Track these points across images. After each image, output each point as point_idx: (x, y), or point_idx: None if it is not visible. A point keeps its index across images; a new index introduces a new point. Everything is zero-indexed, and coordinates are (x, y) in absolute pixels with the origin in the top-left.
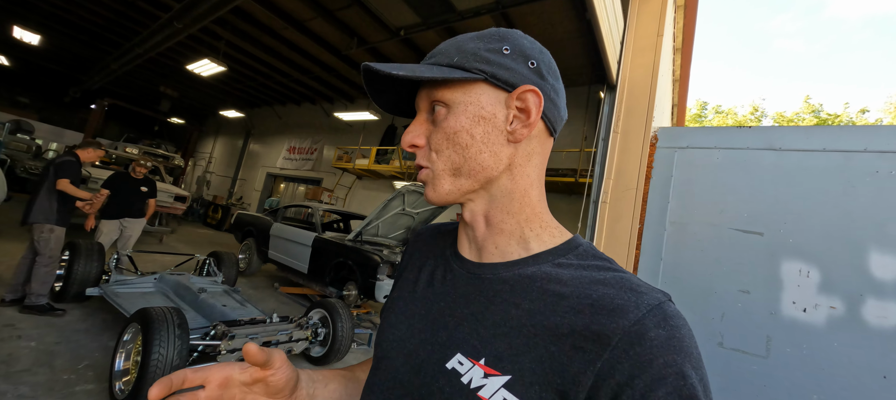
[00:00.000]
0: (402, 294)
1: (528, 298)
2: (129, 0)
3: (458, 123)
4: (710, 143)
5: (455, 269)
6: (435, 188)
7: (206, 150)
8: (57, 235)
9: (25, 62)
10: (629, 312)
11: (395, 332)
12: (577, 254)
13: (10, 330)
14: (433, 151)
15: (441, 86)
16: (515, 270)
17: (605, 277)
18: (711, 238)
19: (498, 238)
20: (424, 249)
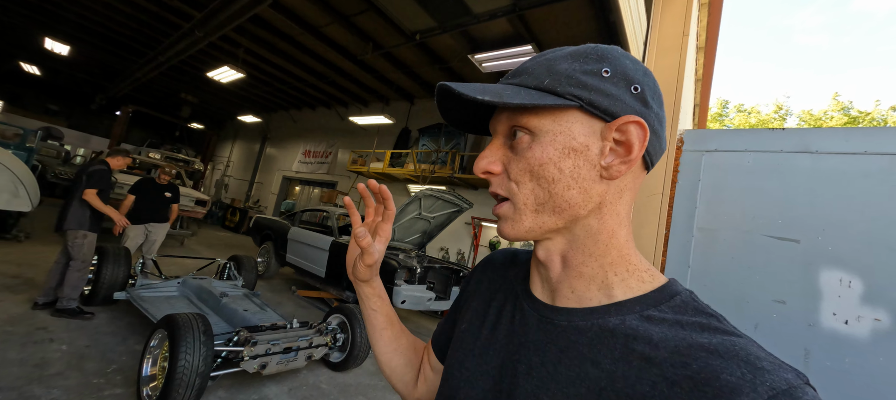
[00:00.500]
0: (470, 327)
1: (610, 356)
2: (154, 11)
3: (545, 155)
4: (740, 146)
5: (526, 309)
6: (514, 224)
7: (224, 155)
8: (89, 241)
9: (55, 71)
10: (743, 394)
11: (463, 370)
12: (671, 306)
13: (42, 333)
14: (513, 182)
15: (526, 111)
16: (594, 319)
17: (711, 342)
18: (743, 245)
19: (575, 282)
20: (495, 278)
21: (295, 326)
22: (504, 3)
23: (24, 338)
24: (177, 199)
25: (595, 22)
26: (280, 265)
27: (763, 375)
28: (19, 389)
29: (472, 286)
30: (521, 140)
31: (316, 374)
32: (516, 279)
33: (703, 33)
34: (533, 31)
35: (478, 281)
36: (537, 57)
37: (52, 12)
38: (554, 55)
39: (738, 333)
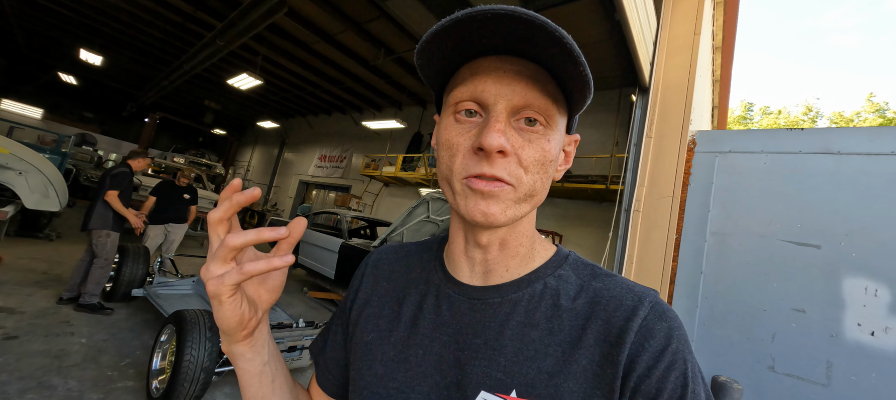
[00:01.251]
0: (380, 335)
1: (544, 315)
2: (179, 22)
3: (554, 151)
4: (755, 148)
5: (452, 296)
6: (507, 210)
7: (244, 159)
8: (112, 240)
9: (91, 81)
10: (639, 311)
11: (388, 383)
12: (570, 265)
13: (65, 326)
14: (523, 168)
15: (552, 99)
16: (524, 289)
17: (604, 285)
18: (759, 251)
19: (511, 261)
20: (394, 278)
21: (300, 326)
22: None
23: (47, 330)
24: (195, 200)
25: (606, 23)
26: (292, 267)
27: (642, 296)
28: (39, 379)
29: (363, 292)
30: (537, 128)
31: None
32: (429, 271)
33: (719, 33)
34: None
35: (371, 284)
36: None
37: (88, 26)
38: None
39: (612, 273)
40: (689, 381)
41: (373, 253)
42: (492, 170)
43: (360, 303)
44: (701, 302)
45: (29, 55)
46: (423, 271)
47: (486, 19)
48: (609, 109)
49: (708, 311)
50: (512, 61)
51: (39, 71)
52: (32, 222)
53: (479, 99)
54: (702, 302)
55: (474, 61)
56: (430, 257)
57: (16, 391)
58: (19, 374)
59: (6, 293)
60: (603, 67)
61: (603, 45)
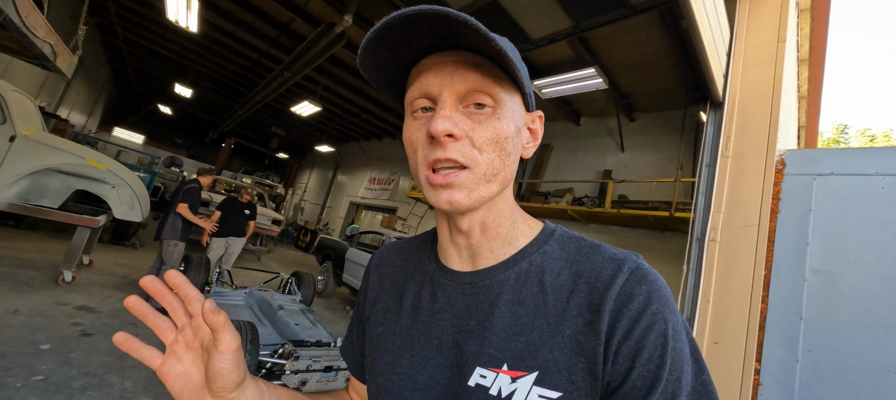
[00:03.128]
0: (388, 327)
1: (530, 292)
2: (255, 58)
3: (508, 128)
4: (869, 169)
5: (445, 283)
6: (471, 193)
7: (303, 181)
8: (179, 249)
9: (181, 111)
10: (617, 278)
11: (398, 369)
12: (555, 239)
13: (133, 328)
14: (476, 149)
15: (497, 81)
16: (510, 269)
17: (586, 256)
18: (881, 296)
19: (493, 242)
20: (394, 273)
21: (338, 345)
22: (564, 27)
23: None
24: (254, 216)
25: (666, 38)
26: (337, 284)
27: (623, 261)
28: (101, 376)
29: (371, 291)
30: (485, 111)
31: None
32: (424, 262)
33: (805, 43)
34: (595, 53)
35: (377, 283)
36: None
37: (182, 64)
38: (505, 39)
39: (596, 242)
40: (669, 339)
41: (375, 254)
42: (445, 153)
43: (371, 301)
44: (803, 355)
45: (137, 90)
46: (420, 263)
47: (403, 22)
48: (672, 130)
49: (814, 367)
50: (451, 54)
51: (143, 103)
52: (122, 232)
53: (427, 93)
54: (804, 356)
55: (419, 63)
56: (424, 250)
57: (79, 387)
58: (85, 369)
59: (90, 293)
60: (664, 85)
61: (662, 62)
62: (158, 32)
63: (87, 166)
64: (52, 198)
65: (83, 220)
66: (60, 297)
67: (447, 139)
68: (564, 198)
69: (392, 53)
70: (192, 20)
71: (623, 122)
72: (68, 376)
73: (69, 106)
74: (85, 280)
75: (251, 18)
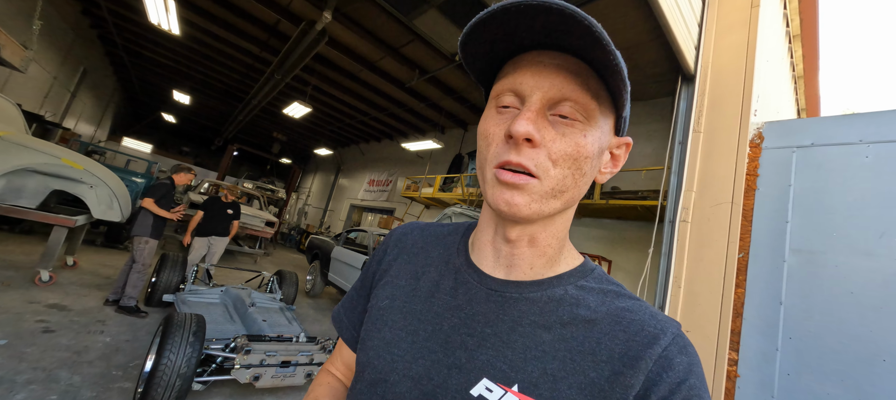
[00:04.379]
0: (394, 303)
1: (559, 321)
2: (249, 63)
3: (592, 148)
4: (852, 137)
5: (470, 282)
6: (531, 204)
7: (306, 186)
8: (150, 247)
9: (185, 119)
10: (660, 339)
11: (393, 349)
12: (594, 277)
13: (99, 325)
14: (551, 161)
15: (592, 94)
16: (543, 290)
17: (628, 306)
18: (868, 275)
19: (537, 260)
20: (419, 253)
21: (301, 340)
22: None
23: (82, 327)
24: (238, 215)
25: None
26: (324, 284)
27: (666, 325)
28: (50, 371)
29: (386, 262)
30: (573, 122)
31: None
32: (451, 252)
33: (795, 17)
34: None
35: (394, 256)
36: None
37: (181, 72)
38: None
39: (637, 297)
40: None
41: (398, 227)
42: (518, 158)
43: (382, 272)
44: (783, 344)
45: (142, 99)
46: (445, 252)
47: (520, 12)
48: (662, 119)
49: (795, 356)
50: (553, 56)
51: (148, 112)
52: (115, 235)
53: (517, 90)
54: (785, 344)
55: (517, 57)
56: (454, 241)
57: (23, 381)
58: (36, 364)
59: (66, 292)
60: (650, 72)
61: (647, 46)
62: (152, 39)
63: (64, 166)
64: (29, 198)
65: (58, 219)
66: (34, 295)
67: (525, 143)
68: None
69: (495, 42)
70: (173, 22)
71: None
72: (16, 370)
73: (76, 116)
74: (64, 280)
75: (239, 22)
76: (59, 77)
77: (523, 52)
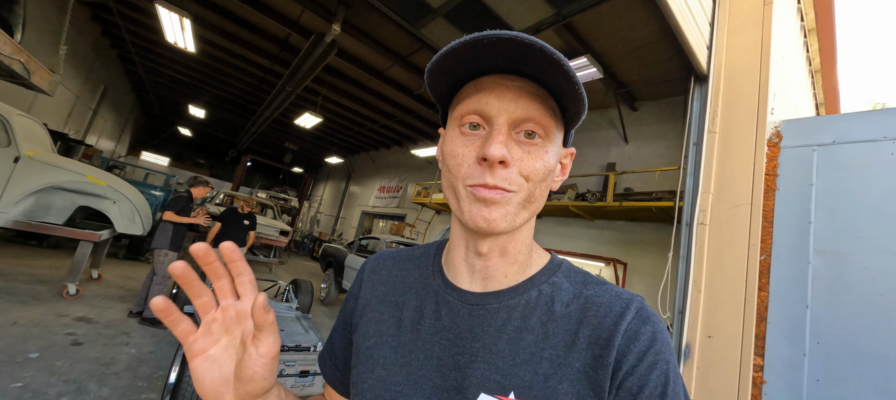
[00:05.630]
0: (381, 339)
1: (539, 320)
2: (260, 76)
3: (551, 160)
4: (875, 134)
5: (451, 302)
6: (507, 217)
7: (318, 194)
8: (170, 259)
9: (201, 132)
10: (625, 316)
11: (390, 386)
12: (563, 272)
13: (124, 337)
14: (523, 177)
15: (551, 114)
16: (520, 295)
17: (595, 292)
18: None
19: (509, 268)
20: (391, 283)
21: (317, 350)
22: (546, 15)
23: (109, 340)
24: (254, 226)
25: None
26: (338, 291)
27: (628, 302)
28: (80, 383)
29: (362, 298)
30: (536, 141)
31: None
32: (427, 276)
33: (810, 11)
34: (585, 41)
35: (370, 290)
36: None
37: (195, 86)
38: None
39: (601, 280)
40: (670, 380)
41: (370, 259)
42: (494, 180)
43: (360, 308)
44: (811, 348)
45: (160, 114)
46: (422, 276)
47: (493, 43)
48: (675, 118)
49: (824, 361)
50: (513, 79)
51: (164, 126)
52: (136, 248)
53: (483, 112)
54: (813, 348)
55: (479, 79)
56: (427, 263)
57: (55, 393)
58: (67, 377)
59: (91, 305)
60: (662, 70)
61: (657, 46)
62: (168, 56)
63: (88, 183)
64: (56, 214)
65: (84, 234)
66: (62, 309)
67: (498, 165)
68: (566, 194)
69: (461, 66)
70: (188, 40)
71: (625, 112)
72: (47, 384)
73: (97, 133)
74: (90, 293)
75: (251, 37)
76: (81, 96)
77: (484, 74)
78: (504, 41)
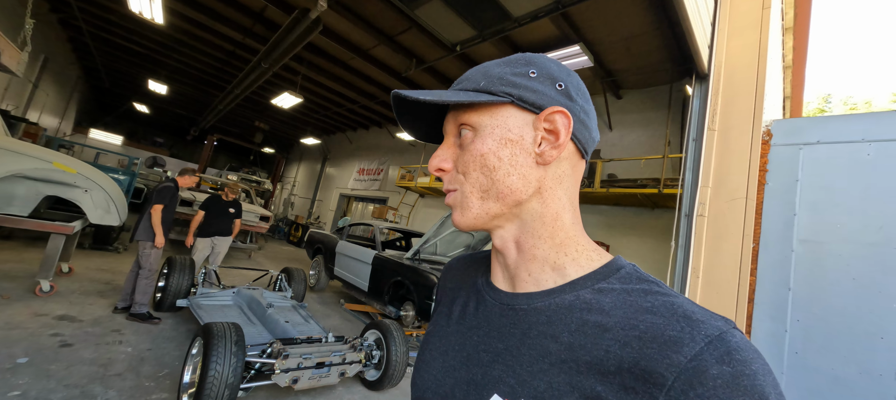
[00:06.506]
0: (436, 329)
1: (567, 329)
2: (230, 50)
3: (485, 146)
4: (855, 135)
5: (487, 300)
6: (463, 212)
7: (291, 176)
8: (156, 252)
9: (159, 108)
10: (684, 345)
11: (430, 370)
12: (619, 277)
13: (115, 335)
14: (460, 174)
15: (468, 109)
16: (551, 298)
17: (653, 304)
18: (869, 262)
19: (530, 265)
20: (457, 280)
21: (330, 341)
22: (545, 3)
23: (99, 339)
24: (239, 214)
25: (650, 11)
26: (329, 278)
27: (698, 326)
28: (83, 387)
29: (438, 294)
30: (466, 137)
31: (351, 392)
32: (477, 275)
33: (789, 11)
34: (580, 30)
35: (442, 287)
36: (475, 68)
37: (155, 59)
38: (489, 64)
39: (675, 294)
40: None
41: (445, 265)
42: (444, 185)
43: (436, 301)
44: (792, 326)
45: (110, 89)
46: (475, 274)
47: (398, 102)
48: (659, 107)
49: (802, 337)
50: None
51: (118, 102)
52: (104, 237)
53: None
54: (793, 326)
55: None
56: (484, 263)
57: (59, 399)
58: (66, 381)
59: (70, 302)
60: (649, 60)
61: (646, 37)
62: (125, 26)
63: (56, 171)
64: (21, 205)
65: (56, 227)
66: (38, 307)
67: (440, 173)
68: None
69: (414, 118)
70: (156, 11)
71: (610, 100)
72: (47, 389)
73: (39, 108)
74: (65, 289)
75: (222, 7)
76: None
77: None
78: (400, 102)
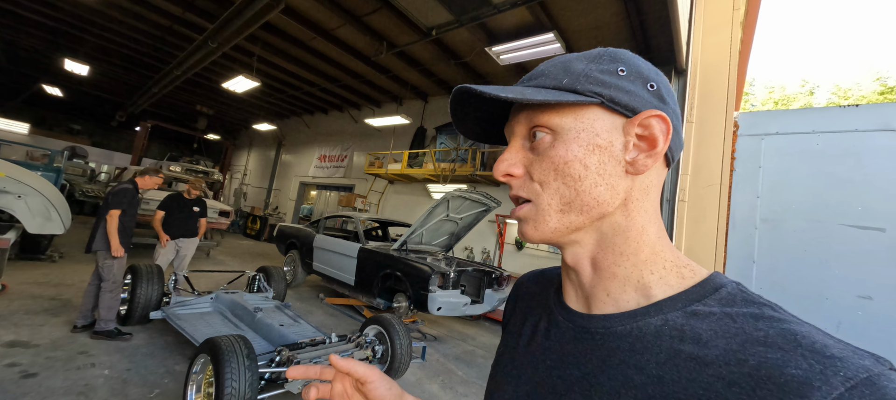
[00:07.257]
0: (507, 349)
1: (655, 360)
2: (166, 26)
3: (570, 152)
4: (806, 128)
5: (560, 321)
6: (537, 225)
7: (240, 164)
8: (119, 262)
9: (77, 92)
10: (814, 389)
11: (502, 394)
12: (718, 298)
13: (84, 357)
14: (536, 183)
15: (547, 110)
16: (633, 322)
17: (768, 334)
18: (816, 236)
19: (609, 284)
20: (526, 297)
21: (334, 341)
22: None
23: (67, 363)
24: (205, 213)
25: (620, 2)
26: (307, 273)
27: (834, 364)
28: None
29: (507, 313)
30: (542, 140)
31: None
32: (548, 294)
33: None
34: (554, 18)
35: (514, 301)
36: (552, 60)
37: (72, 35)
38: (568, 57)
39: (797, 320)
40: None
41: (518, 279)
42: (513, 191)
43: (506, 316)
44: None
45: (11, 68)
46: (546, 293)
47: (456, 99)
48: None
49: None
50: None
51: (22, 84)
52: (33, 244)
53: (507, 137)
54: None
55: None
56: (554, 281)
57: None
58: None
59: (16, 324)
60: None
61: (619, 27)
62: None
63: None
64: None
65: None
66: None
67: (509, 179)
68: None
69: (473, 116)
70: None
71: None
72: None
73: None
74: (4, 310)
75: None
76: None
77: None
78: (464, 97)
